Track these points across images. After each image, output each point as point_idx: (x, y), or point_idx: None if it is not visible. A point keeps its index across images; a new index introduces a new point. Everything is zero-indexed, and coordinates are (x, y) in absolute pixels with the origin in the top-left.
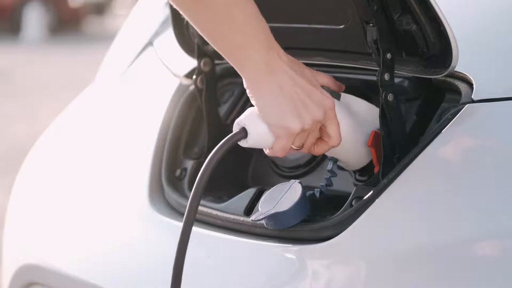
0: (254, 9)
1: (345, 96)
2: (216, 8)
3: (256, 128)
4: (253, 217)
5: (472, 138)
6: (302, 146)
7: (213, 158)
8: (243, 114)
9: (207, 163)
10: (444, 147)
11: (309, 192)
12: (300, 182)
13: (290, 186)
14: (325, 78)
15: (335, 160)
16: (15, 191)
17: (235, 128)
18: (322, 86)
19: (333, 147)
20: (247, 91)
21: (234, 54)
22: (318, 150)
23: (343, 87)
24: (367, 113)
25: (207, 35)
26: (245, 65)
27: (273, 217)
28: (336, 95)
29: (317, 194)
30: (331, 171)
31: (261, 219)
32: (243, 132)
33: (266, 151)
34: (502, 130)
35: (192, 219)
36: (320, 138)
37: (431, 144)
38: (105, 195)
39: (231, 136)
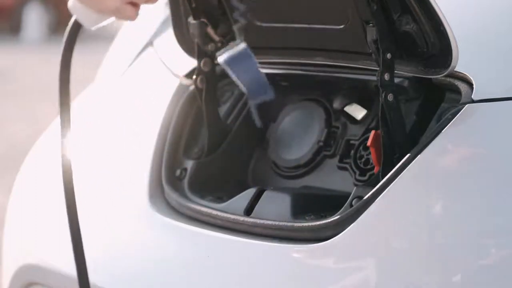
0: None
1: None
2: None
3: (83, 15)
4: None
5: (472, 138)
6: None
7: (65, 57)
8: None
9: (61, 62)
10: (444, 147)
11: None
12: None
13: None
14: None
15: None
16: (15, 191)
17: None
18: None
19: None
20: None
21: None
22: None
23: None
24: None
25: None
26: None
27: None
28: None
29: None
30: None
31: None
32: (77, 23)
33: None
34: (502, 130)
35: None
36: None
37: (431, 144)
38: (105, 195)
39: (70, 31)
